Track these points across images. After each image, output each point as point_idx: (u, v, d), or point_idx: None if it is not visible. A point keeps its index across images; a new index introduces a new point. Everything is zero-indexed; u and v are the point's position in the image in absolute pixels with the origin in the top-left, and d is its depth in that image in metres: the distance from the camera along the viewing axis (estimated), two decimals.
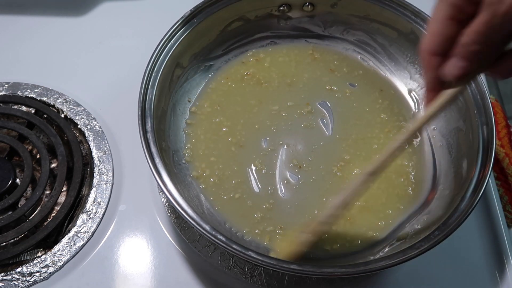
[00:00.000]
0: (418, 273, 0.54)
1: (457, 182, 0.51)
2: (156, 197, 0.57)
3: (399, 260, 0.43)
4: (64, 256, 0.53)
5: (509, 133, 0.68)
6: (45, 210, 0.54)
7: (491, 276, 0.54)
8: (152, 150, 0.48)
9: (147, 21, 0.71)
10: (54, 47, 0.69)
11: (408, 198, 0.55)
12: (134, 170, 0.59)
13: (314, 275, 0.43)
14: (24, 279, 0.51)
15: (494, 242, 0.56)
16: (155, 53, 0.54)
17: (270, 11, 0.63)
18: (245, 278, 0.52)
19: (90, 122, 0.61)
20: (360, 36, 0.64)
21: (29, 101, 0.62)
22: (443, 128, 0.58)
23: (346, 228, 0.52)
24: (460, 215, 0.46)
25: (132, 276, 0.53)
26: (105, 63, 0.68)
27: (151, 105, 0.51)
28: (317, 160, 0.56)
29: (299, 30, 0.65)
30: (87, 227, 0.55)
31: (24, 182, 0.55)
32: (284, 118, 0.59)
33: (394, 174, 0.56)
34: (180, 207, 0.45)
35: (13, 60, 0.68)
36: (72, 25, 0.71)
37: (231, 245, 0.43)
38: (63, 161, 0.57)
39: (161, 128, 0.54)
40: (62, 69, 0.67)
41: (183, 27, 0.56)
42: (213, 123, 0.59)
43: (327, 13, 0.63)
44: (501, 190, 0.65)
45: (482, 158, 0.49)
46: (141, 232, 0.55)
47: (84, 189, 0.57)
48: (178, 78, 0.58)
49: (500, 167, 0.67)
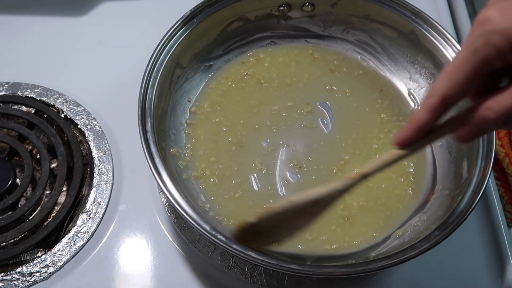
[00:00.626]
0: (418, 272, 0.54)
1: (457, 182, 0.51)
2: (156, 197, 0.57)
3: (399, 260, 0.43)
4: (64, 256, 0.53)
5: (509, 133, 0.68)
6: (45, 210, 0.54)
7: (491, 276, 0.54)
8: (152, 150, 0.48)
9: (147, 21, 0.71)
10: (54, 47, 0.69)
11: (408, 198, 0.55)
12: (134, 170, 0.59)
13: (314, 275, 0.43)
14: (24, 279, 0.51)
15: (494, 242, 0.56)
16: (155, 53, 0.54)
17: (270, 11, 0.63)
18: (245, 278, 0.52)
19: (90, 122, 0.61)
20: (360, 36, 0.64)
21: (29, 101, 0.62)
22: None
23: (346, 228, 0.52)
24: (460, 215, 0.46)
25: (132, 276, 0.53)
26: (105, 63, 0.68)
27: (151, 105, 0.51)
28: (317, 160, 0.56)
29: (299, 30, 0.65)
30: (87, 227, 0.55)
31: (24, 182, 0.55)
32: (284, 118, 0.59)
33: (394, 174, 0.56)
34: (180, 207, 0.45)
35: (13, 60, 0.68)
36: (72, 25, 0.71)
37: (231, 245, 0.43)
38: (63, 161, 0.57)
39: (161, 128, 0.54)
40: (62, 69, 0.67)
41: (183, 27, 0.56)
42: (213, 123, 0.59)
43: (327, 13, 0.63)
44: (501, 190, 0.65)
45: (482, 157, 0.49)
46: (141, 232, 0.55)
47: (84, 189, 0.57)
48: (178, 78, 0.58)
49: (500, 167, 0.67)
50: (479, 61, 0.30)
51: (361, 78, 0.63)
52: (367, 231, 0.52)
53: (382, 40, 0.63)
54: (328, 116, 0.60)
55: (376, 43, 0.63)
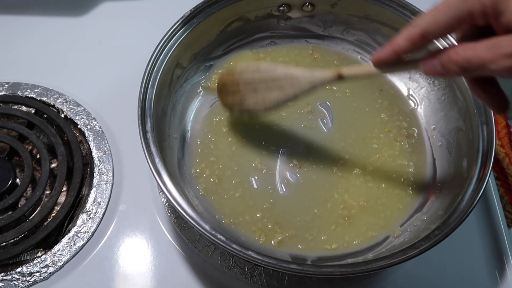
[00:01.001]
0: (418, 272, 0.54)
1: (457, 182, 0.51)
2: (156, 197, 0.57)
3: (399, 259, 0.43)
4: (64, 256, 0.53)
5: (509, 133, 0.68)
6: (45, 210, 0.54)
7: (491, 276, 0.54)
8: (152, 150, 0.48)
9: (147, 21, 0.71)
10: (54, 47, 0.69)
11: (408, 198, 0.55)
12: (134, 170, 0.59)
13: (314, 275, 0.43)
14: (24, 279, 0.51)
15: (494, 242, 0.56)
16: (155, 53, 0.54)
17: (270, 11, 0.63)
18: (245, 278, 0.52)
19: (90, 122, 0.61)
20: (360, 36, 0.64)
21: (29, 101, 0.62)
22: (443, 128, 0.58)
23: (345, 228, 0.52)
24: (460, 215, 0.46)
25: (132, 276, 0.53)
26: (105, 63, 0.68)
27: (151, 105, 0.51)
28: (317, 160, 0.56)
29: (299, 30, 0.65)
30: (87, 227, 0.55)
31: (24, 182, 0.55)
32: (284, 118, 0.59)
33: (394, 174, 0.56)
34: (180, 207, 0.45)
35: (13, 60, 0.68)
36: (72, 25, 0.71)
37: (231, 244, 0.43)
38: (63, 161, 0.57)
39: (161, 128, 0.54)
40: (62, 69, 0.67)
41: (183, 27, 0.56)
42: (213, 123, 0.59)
43: (327, 13, 0.63)
44: (501, 190, 0.65)
45: (482, 157, 0.49)
46: (141, 232, 0.55)
47: (84, 189, 0.57)
48: (178, 78, 0.58)
49: (500, 167, 0.67)
50: (464, 11, 0.33)
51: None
52: (367, 231, 0.52)
53: (382, 40, 0.63)
54: (328, 116, 0.60)
55: (376, 43, 0.63)
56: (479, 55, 0.33)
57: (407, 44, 0.37)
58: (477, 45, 0.33)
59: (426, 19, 0.36)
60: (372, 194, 0.54)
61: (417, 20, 0.36)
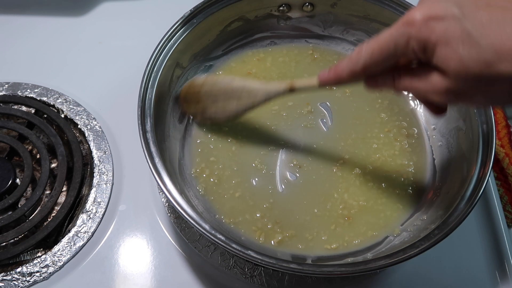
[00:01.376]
0: (418, 272, 0.54)
1: (457, 181, 0.51)
2: (156, 197, 0.57)
3: (399, 259, 0.43)
4: (64, 256, 0.53)
5: (509, 133, 0.68)
6: (45, 210, 0.54)
7: (491, 276, 0.54)
8: (152, 150, 0.48)
9: (147, 21, 0.71)
10: (54, 47, 0.69)
11: (408, 197, 0.55)
12: (134, 170, 0.59)
13: (314, 274, 0.43)
14: (24, 279, 0.51)
15: (494, 242, 0.56)
16: (155, 53, 0.54)
17: (270, 11, 0.63)
18: (245, 278, 0.52)
19: (90, 122, 0.61)
20: (360, 36, 0.64)
21: (29, 101, 0.62)
22: (442, 128, 0.58)
23: (345, 228, 0.52)
24: (459, 215, 0.46)
25: (132, 276, 0.53)
26: (105, 63, 0.68)
27: (151, 105, 0.51)
28: (317, 160, 0.56)
29: (299, 30, 0.65)
30: (87, 227, 0.55)
31: (24, 182, 0.55)
32: (284, 118, 0.59)
33: (394, 174, 0.56)
34: (180, 207, 0.45)
35: (13, 60, 0.68)
36: (72, 25, 0.71)
37: (231, 244, 0.43)
38: (63, 161, 0.57)
39: (161, 128, 0.54)
40: (62, 69, 0.67)
41: (183, 27, 0.56)
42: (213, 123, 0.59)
43: (327, 13, 0.63)
44: (501, 190, 0.65)
45: (482, 157, 0.49)
46: (141, 232, 0.55)
47: (84, 189, 0.57)
48: (178, 78, 0.58)
49: (500, 167, 0.67)
50: (397, 52, 0.37)
51: None
52: (367, 231, 0.52)
53: None
54: (328, 116, 0.60)
55: None
56: (415, 87, 0.39)
57: (350, 76, 0.42)
58: (404, 79, 0.39)
59: (365, 57, 0.39)
60: (372, 194, 0.54)
61: (358, 54, 0.40)
